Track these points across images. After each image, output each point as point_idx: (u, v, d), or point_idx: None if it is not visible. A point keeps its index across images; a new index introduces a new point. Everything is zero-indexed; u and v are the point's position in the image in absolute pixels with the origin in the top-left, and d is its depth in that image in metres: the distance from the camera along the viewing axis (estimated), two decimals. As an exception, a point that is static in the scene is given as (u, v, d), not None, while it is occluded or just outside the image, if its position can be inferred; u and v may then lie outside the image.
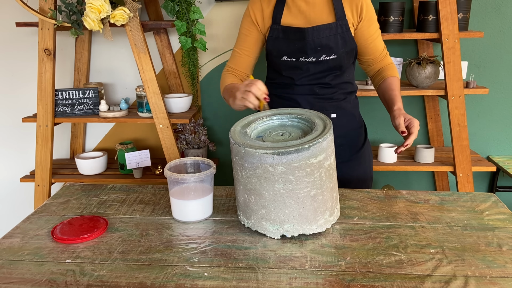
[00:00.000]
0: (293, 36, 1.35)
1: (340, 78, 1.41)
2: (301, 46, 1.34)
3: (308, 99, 1.41)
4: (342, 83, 1.42)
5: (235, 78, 1.43)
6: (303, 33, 1.33)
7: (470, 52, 2.24)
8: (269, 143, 0.96)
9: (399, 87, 1.41)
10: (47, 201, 1.22)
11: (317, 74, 1.38)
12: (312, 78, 1.39)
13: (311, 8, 1.34)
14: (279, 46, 1.37)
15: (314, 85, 1.40)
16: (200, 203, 1.07)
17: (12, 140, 2.42)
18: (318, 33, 1.33)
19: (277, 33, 1.37)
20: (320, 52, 1.34)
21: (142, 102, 2.02)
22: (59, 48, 2.23)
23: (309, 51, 1.34)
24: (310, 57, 1.35)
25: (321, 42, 1.33)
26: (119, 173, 2.19)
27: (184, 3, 1.93)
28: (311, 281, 0.83)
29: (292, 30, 1.35)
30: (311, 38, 1.33)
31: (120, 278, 0.85)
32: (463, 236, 1.00)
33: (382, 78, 1.44)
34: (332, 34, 1.33)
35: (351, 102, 1.47)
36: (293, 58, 1.37)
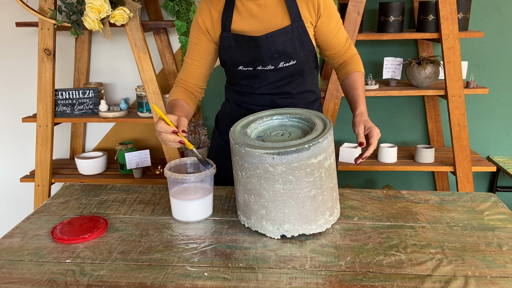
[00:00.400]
0: (247, 44, 1.25)
1: (302, 85, 1.34)
2: (256, 54, 1.25)
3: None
4: (303, 92, 1.35)
5: (183, 92, 1.32)
6: (257, 41, 1.24)
7: (470, 52, 2.24)
8: (269, 143, 0.96)
9: (362, 84, 1.33)
10: (47, 201, 1.22)
11: (277, 82, 1.30)
12: (272, 86, 1.31)
13: (263, 11, 1.24)
14: (233, 56, 1.28)
15: (275, 94, 1.32)
16: (200, 203, 1.07)
17: (12, 140, 2.42)
18: (273, 39, 1.23)
19: (229, 42, 1.27)
20: (277, 59, 1.26)
21: (142, 102, 2.02)
22: (59, 48, 2.23)
23: (265, 59, 1.25)
24: (268, 65, 1.27)
25: (278, 48, 1.24)
26: (119, 173, 2.19)
27: (184, 3, 1.93)
28: (311, 281, 0.83)
29: (244, 38, 1.25)
30: (266, 46, 1.23)
31: (120, 278, 0.85)
32: (463, 236, 1.00)
33: (346, 73, 1.36)
34: (288, 38, 1.24)
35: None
36: (250, 67, 1.28)
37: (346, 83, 1.35)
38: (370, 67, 2.31)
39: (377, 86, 2.09)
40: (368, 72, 2.30)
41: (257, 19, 1.25)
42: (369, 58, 2.29)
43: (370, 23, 2.24)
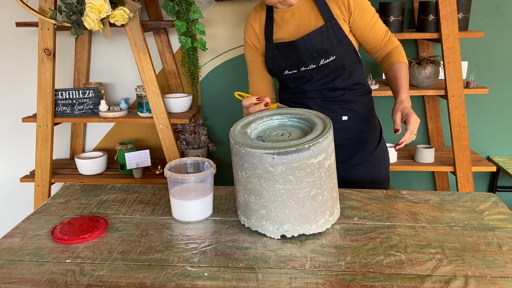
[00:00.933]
0: (287, 49, 1.36)
1: (349, 79, 1.39)
2: (297, 57, 1.35)
3: (318, 102, 1.40)
4: (351, 85, 1.40)
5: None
6: (295, 45, 1.33)
7: (470, 52, 2.24)
8: (269, 143, 0.96)
9: (405, 75, 1.36)
10: (47, 201, 1.22)
11: (323, 79, 1.37)
12: (319, 84, 1.38)
13: (298, 17, 1.35)
14: (278, 63, 1.39)
15: (323, 89, 1.39)
16: (200, 203, 1.07)
17: (12, 140, 2.42)
18: (309, 40, 1.32)
19: (273, 51, 1.39)
20: (317, 57, 1.33)
21: (142, 102, 2.02)
22: (59, 48, 2.23)
23: (306, 59, 1.34)
24: (310, 65, 1.35)
25: (315, 47, 1.32)
26: (119, 173, 2.19)
27: (184, 3, 1.93)
28: (311, 281, 0.83)
29: (285, 45, 1.36)
30: (304, 47, 1.33)
31: (120, 278, 0.85)
32: (463, 236, 1.00)
33: (388, 65, 1.41)
34: (324, 37, 1.32)
35: (365, 104, 1.45)
36: (294, 70, 1.37)
37: (389, 75, 1.41)
38: (370, 67, 2.31)
39: (377, 86, 2.09)
40: (368, 72, 2.30)
41: (294, 25, 1.35)
42: (369, 58, 2.29)
43: (370, 23, 2.24)
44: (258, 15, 1.41)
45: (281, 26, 1.37)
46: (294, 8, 1.35)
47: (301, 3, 1.35)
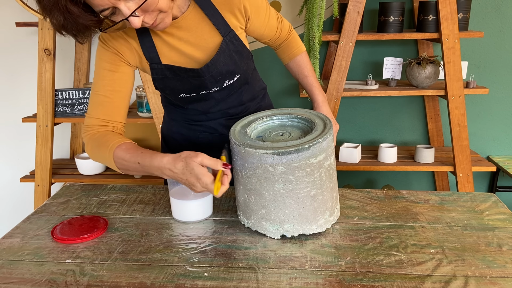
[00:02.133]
0: (185, 75, 1.12)
1: (251, 90, 1.27)
2: (198, 83, 1.14)
3: (222, 122, 1.25)
4: (254, 93, 1.29)
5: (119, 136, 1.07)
6: (197, 73, 1.11)
7: (470, 52, 2.24)
8: (269, 143, 0.96)
9: (310, 68, 1.30)
10: (47, 201, 1.22)
11: (227, 99, 1.22)
12: (222, 104, 1.22)
13: (188, 34, 1.10)
14: (172, 85, 1.15)
15: (227, 109, 1.24)
16: (200, 203, 1.07)
17: (12, 140, 2.42)
18: (214, 66, 1.11)
19: (162, 72, 1.12)
20: (221, 80, 1.15)
21: (142, 102, 2.02)
22: (59, 48, 2.23)
23: (209, 84, 1.14)
24: (213, 88, 1.16)
25: (220, 71, 1.13)
26: (119, 173, 2.18)
27: (184, 3, 1.93)
28: (311, 281, 0.83)
29: (181, 70, 1.11)
30: (208, 74, 1.12)
31: (120, 278, 0.85)
32: (463, 236, 1.00)
33: (289, 58, 1.33)
34: (227, 56, 1.12)
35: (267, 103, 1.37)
36: (193, 94, 1.17)
37: (293, 69, 1.34)
38: (370, 67, 2.31)
39: (377, 86, 2.09)
40: (368, 72, 2.30)
41: (186, 44, 1.10)
42: (369, 58, 2.29)
43: (370, 23, 2.24)
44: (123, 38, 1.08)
45: (168, 44, 1.10)
46: (180, 22, 1.08)
47: (187, 14, 1.08)
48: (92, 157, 1.10)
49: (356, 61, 2.28)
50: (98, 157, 1.08)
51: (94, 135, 1.08)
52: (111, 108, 1.09)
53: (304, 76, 1.32)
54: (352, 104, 2.38)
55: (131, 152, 1.01)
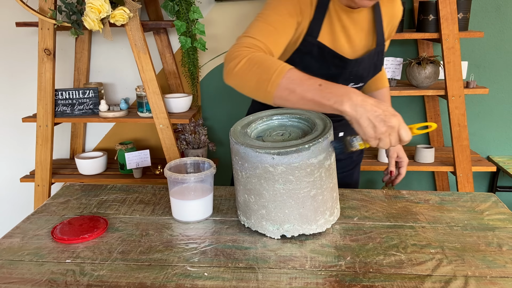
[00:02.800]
0: (331, 60, 1.12)
1: None
2: (335, 73, 1.14)
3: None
4: None
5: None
6: (345, 63, 1.12)
7: (470, 52, 2.24)
8: (269, 143, 0.96)
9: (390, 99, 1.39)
10: (47, 201, 1.22)
11: None
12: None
13: (354, 28, 1.12)
14: (309, 63, 1.12)
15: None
16: (200, 203, 1.07)
17: (12, 140, 2.42)
18: (358, 64, 1.14)
19: (310, 48, 1.10)
20: (350, 80, 1.18)
21: (142, 102, 2.02)
22: (59, 48, 2.22)
23: (340, 79, 1.15)
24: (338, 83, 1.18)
25: (358, 72, 1.16)
26: (119, 173, 2.18)
27: (184, 3, 1.93)
28: (311, 281, 0.83)
29: (331, 54, 1.11)
30: (351, 68, 1.13)
31: (120, 278, 0.85)
32: (463, 236, 1.00)
33: (376, 88, 1.40)
34: (371, 63, 1.16)
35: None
36: None
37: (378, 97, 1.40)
38: (370, 67, 2.31)
39: (377, 86, 2.09)
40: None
41: (347, 35, 1.12)
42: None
43: (370, 23, 2.24)
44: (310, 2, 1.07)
45: (333, 27, 1.10)
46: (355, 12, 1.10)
47: (363, 9, 1.10)
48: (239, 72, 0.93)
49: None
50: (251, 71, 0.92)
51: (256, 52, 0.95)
52: (276, 43, 1.01)
53: None
54: (352, 104, 2.38)
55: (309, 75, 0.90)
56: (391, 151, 1.41)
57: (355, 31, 1.13)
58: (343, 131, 1.32)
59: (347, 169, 1.41)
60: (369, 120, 0.82)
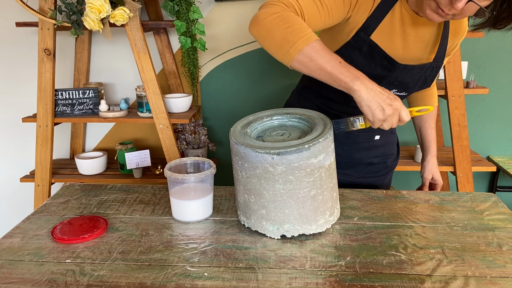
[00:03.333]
0: (379, 60, 1.09)
1: None
2: (381, 74, 1.11)
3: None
4: None
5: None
6: (393, 65, 1.09)
7: (470, 52, 2.24)
8: (269, 143, 0.96)
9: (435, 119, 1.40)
10: (47, 201, 1.22)
11: None
12: None
13: (417, 38, 1.09)
14: (356, 59, 1.09)
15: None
16: (200, 203, 1.07)
17: (12, 140, 2.42)
18: (407, 72, 1.11)
19: (361, 44, 1.08)
20: (393, 86, 1.15)
21: (142, 102, 2.02)
22: (59, 48, 2.23)
23: (384, 82, 1.12)
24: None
25: (404, 80, 1.13)
26: (119, 173, 2.19)
27: (184, 3, 1.93)
28: (311, 281, 0.83)
29: (380, 54, 1.08)
30: (397, 73, 1.11)
31: (120, 278, 0.85)
32: (463, 236, 1.00)
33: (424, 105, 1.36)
34: (418, 75, 1.13)
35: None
36: None
37: (423, 117, 1.41)
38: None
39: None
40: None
41: (405, 41, 1.09)
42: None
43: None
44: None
45: (391, 29, 1.07)
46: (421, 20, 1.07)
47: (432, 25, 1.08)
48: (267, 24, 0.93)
49: (356, 61, 2.27)
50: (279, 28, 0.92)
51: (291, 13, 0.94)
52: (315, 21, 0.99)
53: (430, 127, 1.40)
54: (352, 104, 2.38)
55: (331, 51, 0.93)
56: (427, 172, 1.41)
57: (414, 39, 1.10)
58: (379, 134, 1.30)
59: (380, 173, 1.38)
60: (378, 103, 0.89)
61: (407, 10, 1.07)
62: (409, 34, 1.09)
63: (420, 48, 1.12)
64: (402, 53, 1.11)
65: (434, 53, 1.14)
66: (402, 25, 1.08)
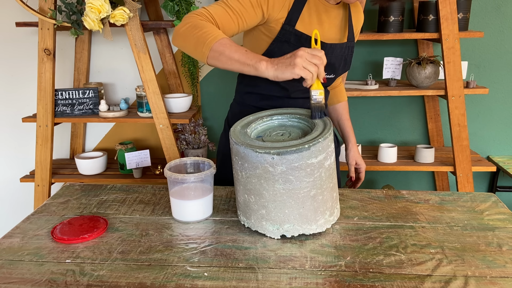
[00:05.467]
0: (307, 45, 1.15)
1: (326, 95, 1.40)
2: None
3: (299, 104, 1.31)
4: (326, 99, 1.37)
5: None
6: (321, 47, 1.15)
7: (470, 52, 2.24)
8: (269, 143, 0.96)
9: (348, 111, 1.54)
10: (47, 201, 1.22)
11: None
12: (306, 91, 1.19)
13: (330, 20, 1.24)
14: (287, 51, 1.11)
15: (306, 98, 1.23)
16: (200, 203, 1.07)
17: (12, 140, 2.42)
18: (332, 51, 1.24)
19: (288, 36, 1.19)
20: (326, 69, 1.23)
21: (142, 102, 2.02)
22: (59, 48, 2.23)
23: None
24: None
25: (330, 60, 1.23)
26: (119, 173, 2.18)
27: (184, 3, 1.93)
28: (311, 281, 0.83)
29: (308, 40, 1.19)
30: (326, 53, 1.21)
31: (120, 278, 0.85)
32: (463, 236, 1.00)
33: (338, 100, 1.52)
34: (340, 54, 1.27)
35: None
36: None
37: (338, 110, 1.54)
38: (370, 67, 2.31)
39: (377, 86, 2.09)
40: (368, 72, 2.30)
41: (322, 27, 1.23)
42: (369, 58, 2.29)
43: (370, 23, 2.24)
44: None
45: (311, 19, 1.21)
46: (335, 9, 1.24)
47: (341, 5, 1.25)
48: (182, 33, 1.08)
49: (356, 61, 2.27)
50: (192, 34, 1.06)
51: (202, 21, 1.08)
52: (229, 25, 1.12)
53: (346, 119, 1.54)
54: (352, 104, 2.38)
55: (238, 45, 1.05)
56: (350, 159, 1.53)
57: (328, 25, 1.25)
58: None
59: None
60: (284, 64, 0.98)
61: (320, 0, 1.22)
62: (324, 21, 1.24)
63: (335, 32, 1.27)
64: (323, 37, 1.23)
65: (346, 34, 1.30)
66: (317, 13, 1.22)
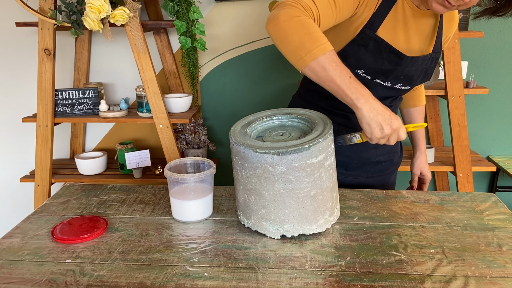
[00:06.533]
0: (386, 55, 1.11)
1: (397, 106, 1.32)
2: (388, 69, 1.13)
3: None
4: (396, 107, 1.32)
5: None
6: (401, 59, 1.11)
7: (470, 52, 2.24)
8: (269, 143, 0.96)
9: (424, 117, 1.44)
10: (47, 201, 1.22)
11: (383, 98, 1.21)
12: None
13: (416, 28, 1.13)
14: (363, 57, 1.11)
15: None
16: (200, 203, 1.07)
17: (12, 140, 2.42)
18: (413, 64, 1.14)
19: (367, 41, 1.09)
20: (399, 80, 1.17)
21: (142, 102, 2.02)
22: (59, 48, 2.23)
23: (391, 76, 1.15)
24: (387, 82, 1.16)
25: (409, 72, 1.16)
26: (119, 173, 2.19)
27: (184, 3, 1.93)
28: (311, 281, 0.83)
29: (387, 48, 1.10)
30: (403, 67, 1.13)
31: (120, 278, 0.85)
32: (463, 236, 1.00)
33: (414, 104, 1.44)
34: (421, 67, 1.17)
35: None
36: (369, 76, 1.14)
37: (412, 114, 1.46)
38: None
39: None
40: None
41: (407, 34, 1.12)
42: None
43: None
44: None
45: (395, 24, 1.10)
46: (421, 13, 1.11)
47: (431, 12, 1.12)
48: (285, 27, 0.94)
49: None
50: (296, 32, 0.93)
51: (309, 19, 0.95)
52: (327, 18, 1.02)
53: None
54: (352, 104, 2.38)
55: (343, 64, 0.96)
56: (415, 168, 1.47)
57: (415, 32, 1.13)
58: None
59: (387, 171, 1.40)
60: (378, 123, 0.95)
61: (409, 4, 1.10)
62: (410, 28, 1.12)
63: (420, 41, 1.16)
64: (405, 46, 1.14)
65: (432, 45, 1.18)
66: (404, 19, 1.11)
